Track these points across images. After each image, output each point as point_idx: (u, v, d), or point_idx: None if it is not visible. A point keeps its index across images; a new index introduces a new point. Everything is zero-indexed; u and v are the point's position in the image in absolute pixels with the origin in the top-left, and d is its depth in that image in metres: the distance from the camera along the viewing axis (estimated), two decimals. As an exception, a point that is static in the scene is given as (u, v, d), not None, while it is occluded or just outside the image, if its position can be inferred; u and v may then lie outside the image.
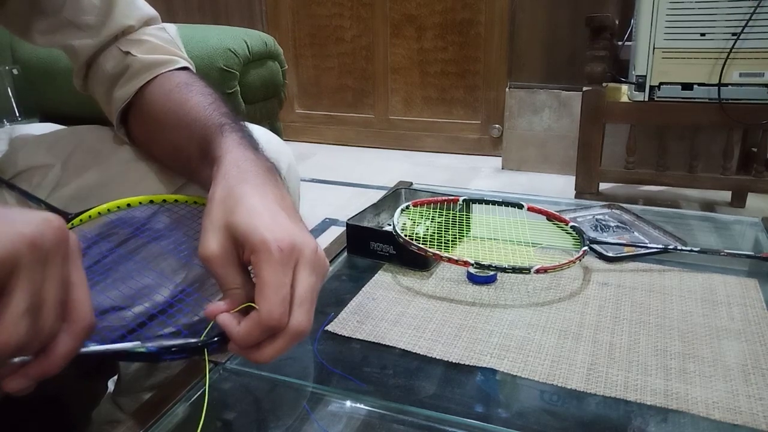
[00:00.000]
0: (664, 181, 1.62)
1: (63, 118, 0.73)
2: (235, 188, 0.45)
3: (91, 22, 0.59)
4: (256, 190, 0.45)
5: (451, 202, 0.79)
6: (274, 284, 0.39)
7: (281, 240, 0.40)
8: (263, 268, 0.40)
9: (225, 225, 0.42)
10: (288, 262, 0.40)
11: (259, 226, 0.41)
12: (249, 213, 0.42)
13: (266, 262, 0.40)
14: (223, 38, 1.27)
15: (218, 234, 0.42)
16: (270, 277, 0.40)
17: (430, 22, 2.44)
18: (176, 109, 0.57)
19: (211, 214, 0.43)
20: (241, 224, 0.42)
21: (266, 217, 0.42)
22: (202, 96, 0.57)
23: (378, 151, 2.62)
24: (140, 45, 0.61)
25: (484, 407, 0.49)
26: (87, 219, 0.54)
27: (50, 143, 0.64)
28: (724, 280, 0.68)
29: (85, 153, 0.62)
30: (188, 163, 0.55)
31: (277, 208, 0.44)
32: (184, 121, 0.55)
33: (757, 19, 1.34)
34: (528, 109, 2.21)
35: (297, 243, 0.41)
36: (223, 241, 0.42)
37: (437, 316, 0.61)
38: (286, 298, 0.40)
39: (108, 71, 0.61)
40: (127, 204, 0.56)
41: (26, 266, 0.30)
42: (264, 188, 0.46)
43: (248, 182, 0.45)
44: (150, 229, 0.57)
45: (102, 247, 0.56)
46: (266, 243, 0.40)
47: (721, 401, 0.48)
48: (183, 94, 0.58)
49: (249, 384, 0.53)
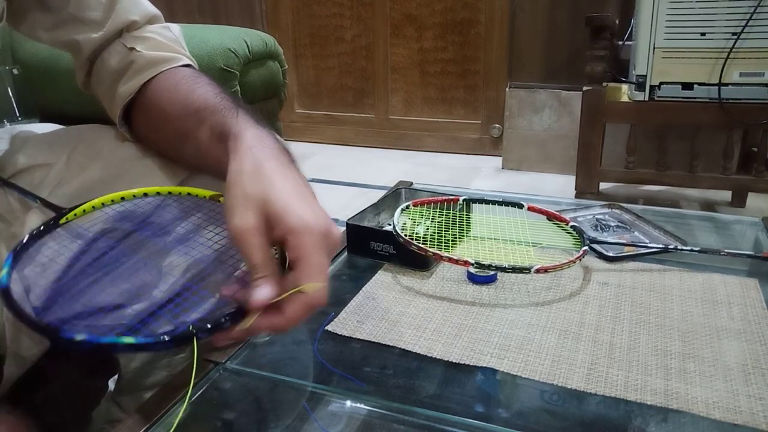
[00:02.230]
0: (665, 181, 1.62)
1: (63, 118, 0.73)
2: (264, 164, 0.46)
3: (96, 18, 0.60)
4: (284, 170, 0.47)
5: (452, 202, 0.79)
6: (320, 266, 0.42)
7: (320, 226, 0.43)
8: (309, 250, 0.42)
9: (260, 200, 0.44)
10: (323, 245, 0.43)
11: (297, 209, 0.43)
12: (284, 193, 0.44)
13: (311, 245, 0.42)
14: (223, 38, 1.27)
15: (253, 208, 0.43)
16: (316, 260, 0.42)
17: (430, 21, 2.44)
18: (183, 99, 0.58)
19: (244, 186, 0.45)
20: (278, 203, 0.43)
21: (301, 200, 0.45)
22: (209, 87, 0.58)
23: (378, 150, 2.62)
24: (145, 41, 0.61)
25: (485, 407, 0.49)
26: (81, 213, 0.55)
27: (51, 142, 0.64)
28: (724, 280, 0.68)
29: (87, 151, 0.62)
30: (197, 147, 0.55)
31: (306, 191, 0.47)
32: (192, 108, 0.56)
33: (757, 19, 1.34)
34: (528, 109, 2.21)
35: (330, 229, 0.44)
36: (259, 215, 0.43)
37: (437, 315, 0.61)
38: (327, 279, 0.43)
39: (112, 67, 0.61)
40: (122, 198, 0.56)
41: None
42: (290, 168, 0.48)
43: (276, 159, 0.47)
44: (152, 224, 0.57)
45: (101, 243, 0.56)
46: (309, 227, 0.42)
47: (721, 401, 0.48)
48: (189, 86, 0.59)
49: (249, 384, 0.53)
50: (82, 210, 0.55)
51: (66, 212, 0.54)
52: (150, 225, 0.57)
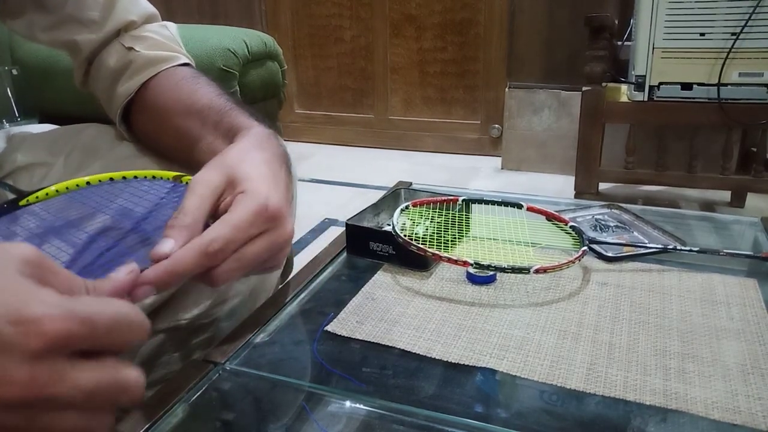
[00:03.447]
0: (664, 181, 1.62)
1: (62, 118, 0.73)
2: (253, 151, 0.46)
3: (94, 18, 0.60)
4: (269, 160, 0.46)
5: (451, 202, 0.79)
6: (238, 227, 0.39)
7: (272, 204, 0.41)
8: (240, 209, 0.40)
9: (229, 166, 0.43)
10: (262, 222, 0.41)
11: (261, 182, 0.42)
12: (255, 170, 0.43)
13: (246, 207, 0.40)
14: (223, 38, 1.27)
15: (218, 169, 0.43)
16: (239, 219, 0.39)
17: (429, 22, 2.44)
18: (185, 98, 0.58)
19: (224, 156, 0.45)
20: (245, 171, 0.42)
21: (269, 181, 0.43)
22: (211, 87, 0.59)
23: (377, 151, 2.63)
24: (143, 41, 0.61)
25: (484, 407, 0.49)
26: (44, 197, 0.53)
27: (50, 141, 0.64)
28: (723, 280, 0.68)
29: (85, 150, 0.62)
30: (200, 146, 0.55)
31: (281, 183, 0.45)
32: (195, 107, 0.57)
33: (756, 19, 1.34)
34: (527, 109, 2.21)
35: (281, 217, 0.42)
36: (220, 176, 0.42)
37: (437, 316, 0.61)
38: (233, 241, 0.39)
39: (111, 67, 0.61)
40: (87, 182, 0.54)
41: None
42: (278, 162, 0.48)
43: (268, 152, 0.47)
44: (106, 207, 0.53)
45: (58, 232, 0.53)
46: (258, 194, 0.40)
47: (720, 401, 0.48)
48: (191, 85, 0.59)
49: (248, 384, 0.53)
50: (44, 194, 0.53)
51: (27, 194, 0.52)
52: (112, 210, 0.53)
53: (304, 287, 0.66)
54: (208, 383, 0.52)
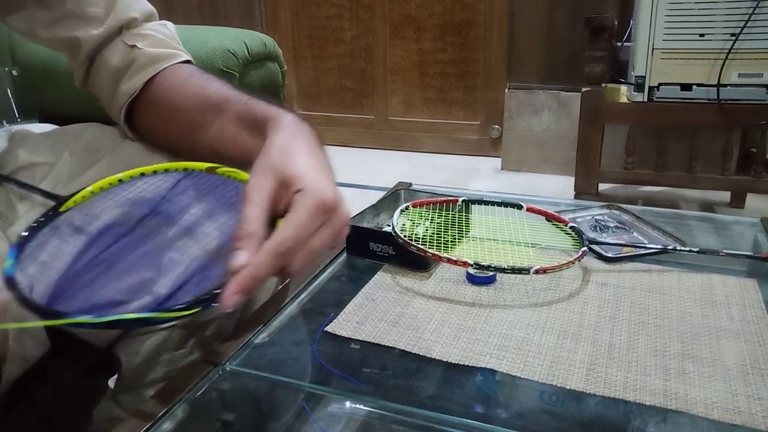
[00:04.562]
0: (664, 182, 1.62)
1: (62, 119, 0.73)
2: (295, 142, 0.48)
3: (96, 14, 0.60)
4: (312, 149, 0.49)
5: (451, 203, 0.79)
6: (302, 224, 0.42)
7: (328, 196, 0.44)
8: (301, 208, 0.43)
9: (279, 167, 0.45)
10: (322, 215, 0.43)
11: (312, 176, 0.45)
12: (305, 165, 0.46)
13: (306, 205, 0.43)
14: (223, 39, 1.27)
15: (270, 172, 0.45)
16: (301, 218, 0.43)
17: (429, 23, 2.44)
18: (197, 93, 0.59)
19: (270, 155, 0.47)
20: (296, 169, 0.45)
21: (320, 173, 0.46)
22: (220, 82, 0.60)
23: (377, 152, 2.63)
24: (145, 39, 0.61)
25: (484, 408, 0.49)
26: (81, 200, 0.55)
27: (52, 140, 0.65)
28: (723, 281, 0.68)
29: (87, 149, 0.62)
30: (217, 137, 0.57)
31: (328, 170, 0.48)
32: (211, 100, 0.58)
33: (756, 20, 1.35)
34: (527, 110, 2.21)
35: (338, 206, 0.45)
36: (273, 179, 0.45)
37: (436, 316, 0.61)
38: (302, 242, 0.43)
39: (113, 65, 0.61)
40: (119, 180, 0.56)
41: None
42: (319, 148, 0.50)
43: (307, 140, 0.49)
44: (156, 205, 0.57)
45: (106, 233, 0.55)
46: (314, 190, 0.43)
47: (720, 401, 0.48)
48: (200, 81, 0.61)
49: (248, 384, 0.53)
50: (81, 196, 0.55)
51: (65, 199, 0.54)
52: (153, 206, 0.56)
53: (304, 288, 0.66)
54: (208, 383, 0.52)
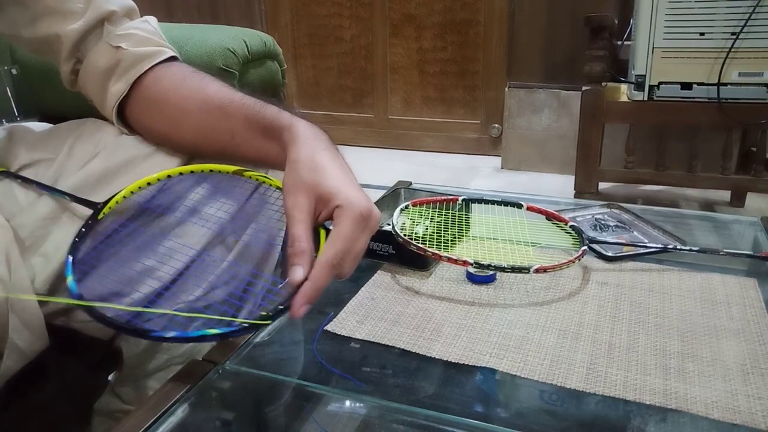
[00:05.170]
0: (664, 181, 1.62)
1: (62, 118, 0.73)
2: (318, 153, 0.53)
3: (75, 8, 0.60)
4: (334, 159, 0.53)
5: (451, 202, 0.79)
6: (349, 237, 0.48)
7: (364, 207, 0.49)
8: (344, 222, 0.48)
9: (313, 184, 0.50)
10: (362, 224, 0.49)
11: (345, 190, 0.50)
12: (335, 179, 0.51)
13: (348, 218, 0.48)
14: (222, 38, 1.27)
15: (304, 191, 0.50)
16: (347, 231, 0.48)
17: (429, 21, 2.44)
18: (195, 95, 0.61)
19: (300, 172, 0.51)
20: (329, 186, 0.50)
21: (349, 184, 0.51)
22: (218, 82, 0.62)
23: (377, 150, 2.62)
24: (129, 38, 0.62)
25: (484, 407, 0.49)
26: (115, 205, 0.57)
27: (51, 136, 0.65)
28: (723, 280, 0.68)
29: (86, 144, 0.63)
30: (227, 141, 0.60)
31: (352, 177, 0.53)
32: (214, 103, 0.60)
33: (756, 19, 1.34)
34: (527, 109, 2.21)
35: (373, 212, 0.50)
36: (309, 197, 0.50)
37: (436, 315, 0.61)
38: (351, 251, 0.48)
39: (100, 67, 0.62)
40: (147, 183, 0.59)
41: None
42: (339, 156, 0.55)
43: (328, 150, 0.54)
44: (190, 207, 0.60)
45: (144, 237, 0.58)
46: (353, 204, 0.49)
47: (720, 400, 0.48)
48: (196, 82, 0.62)
49: (248, 384, 0.53)
50: (115, 202, 0.57)
51: (101, 207, 0.56)
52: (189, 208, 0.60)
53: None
54: (208, 383, 0.52)
